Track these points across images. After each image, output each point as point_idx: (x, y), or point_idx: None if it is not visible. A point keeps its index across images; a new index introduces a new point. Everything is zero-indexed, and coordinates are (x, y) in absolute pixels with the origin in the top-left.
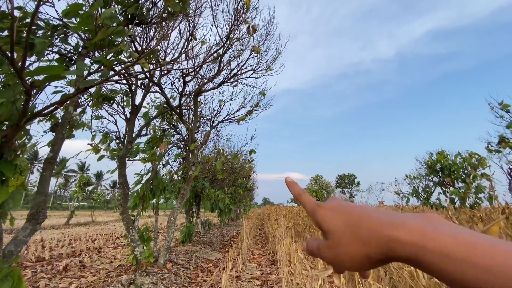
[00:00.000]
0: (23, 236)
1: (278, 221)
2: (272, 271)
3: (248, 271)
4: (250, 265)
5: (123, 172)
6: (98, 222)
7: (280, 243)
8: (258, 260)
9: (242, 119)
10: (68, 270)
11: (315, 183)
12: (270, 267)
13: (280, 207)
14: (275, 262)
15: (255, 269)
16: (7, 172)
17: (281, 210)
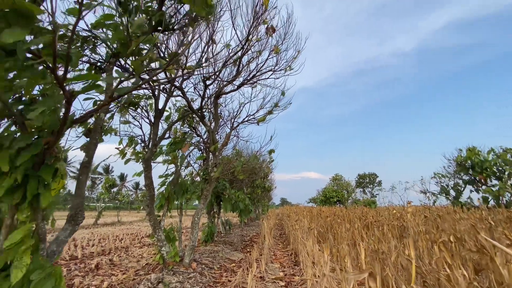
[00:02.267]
0: (64, 237)
1: (299, 221)
2: (295, 272)
3: (271, 271)
4: (273, 265)
5: (149, 174)
6: (124, 222)
7: (303, 244)
8: (280, 261)
9: (262, 119)
10: (100, 268)
11: (334, 182)
12: (293, 268)
13: (300, 207)
14: (298, 263)
15: (278, 270)
16: (48, 176)
17: (301, 211)
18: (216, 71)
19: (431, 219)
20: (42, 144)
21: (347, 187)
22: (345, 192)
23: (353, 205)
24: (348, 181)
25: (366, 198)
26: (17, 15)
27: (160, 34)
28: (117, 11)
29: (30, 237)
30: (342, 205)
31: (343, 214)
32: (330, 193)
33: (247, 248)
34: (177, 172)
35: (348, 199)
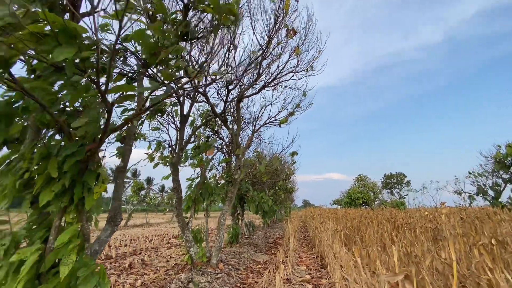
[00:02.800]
0: (105, 237)
1: (324, 224)
2: (322, 275)
3: (298, 274)
4: (299, 268)
5: (176, 177)
6: (152, 224)
7: (329, 247)
8: (306, 264)
9: (284, 121)
10: (132, 268)
11: (359, 183)
12: (319, 271)
13: (324, 210)
14: (324, 266)
15: (304, 273)
16: (92, 181)
17: (325, 213)
18: (238, 77)
19: (467, 221)
20: (86, 151)
21: (373, 188)
22: (371, 194)
23: (380, 206)
24: (373, 181)
25: (394, 200)
26: (65, 35)
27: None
28: (147, 24)
29: (77, 237)
30: (368, 207)
31: (371, 216)
32: (355, 194)
33: (271, 250)
34: (202, 175)
35: (374, 201)
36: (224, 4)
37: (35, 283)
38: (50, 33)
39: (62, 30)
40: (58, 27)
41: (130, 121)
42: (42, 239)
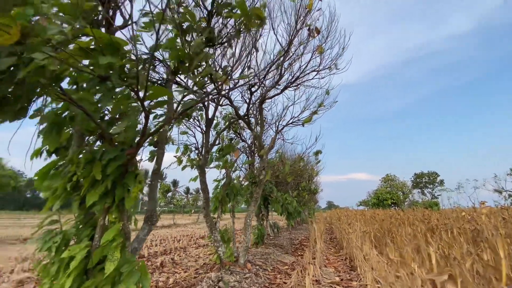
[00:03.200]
0: (143, 235)
1: (352, 225)
2: (352, 277)
3: (326, 276)
4: (327, 270)
5: (203, 179)
6: (179, 225)
7: (358, 249)
8: (334, 266)
9: (308, 121)
10: (164, 266)
11: (387, 183)
12: (349, 273)
13: (350, 211)
14: (353, 268)
15: (333, 275)
16: (132, 183)
17: (352, 214)
18: (260, 79)
19: (511, 221)
20: (126, 155)
21: (402, 188)
22: (400, 194)
23: (411, 207)
24: (403, 181)
25: (426, 200)
26: (110, 48)
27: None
28: (179, 34)
29: (119, 235)
30: (398, 207)
31: (401, 217)
32: (383, 195)
33: (297, 251)
34: (228, 176)
35: (404, 201)
36: (252, 9)
37: (83, 278)
38: (96, 48)
39: (107, 44)
40: (104, 41)
41: (165, 125)
42: (89, 237)
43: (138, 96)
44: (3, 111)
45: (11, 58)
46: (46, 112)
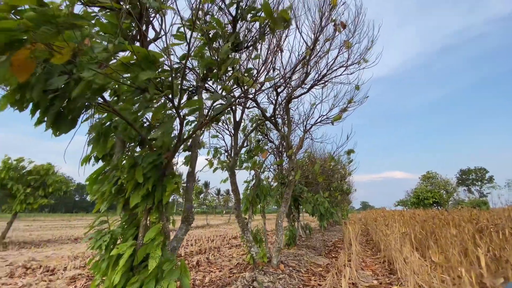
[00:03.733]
0: (181, 235)
1: (390, 226)
2: (391, 281)
3: (363, 279)
4: (364, 273)
5: (234, 180)
6: (212, 225)
7: (397, 251)
8: (371, 269)
9: (337, 118)
10: (200, 265)
11: (427, 181)
12: (388, 276)
13: (387, 211)
14: (393, 272)
15: (371, 278)
16: (170, 185)
17: (390, 215)
18: (286, 79)
19: None
20: (164, 159)
21: (445, 186)
22: (443, 192)
23: (456, 206)
24: (446, 178)
25: (474, 198)
26: (147, 61)
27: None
28: (206, 42)
29: (160, 234)
30: (441, 207)
31: (445, 217)
32: (423, 194)
33: (331, 253)
34: (257, 177)
35: (448, 200)
36: (278, 11)
37: (129, 274)
38: (135, 62)
39: (144, 57)
40: (141, 55)
41: (198, 130)
42: (133, 236)
43: (173, 104)
44: (59, 125)
45: (63, 76)
46: (94, 122)
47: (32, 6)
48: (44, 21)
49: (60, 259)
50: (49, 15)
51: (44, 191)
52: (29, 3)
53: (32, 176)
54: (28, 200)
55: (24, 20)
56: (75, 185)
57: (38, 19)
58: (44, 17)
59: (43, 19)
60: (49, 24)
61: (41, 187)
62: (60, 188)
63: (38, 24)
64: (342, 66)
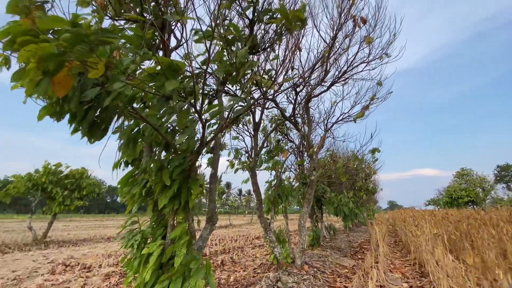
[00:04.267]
0: (206, 234)
1: (420, 226)
2: (423, 285)
3: (392, 281)
4: (393, 275)
5: (255, 180)
6: (235, 225)
7: (429, 253)
8: (401, 271)
9: (360, 116)
10: (224, 265)
11: (461, 179)
12: (419, 279)
13: (417, 211)
14: (424, 275)
15: (400, 281)
16: (195, 187)
17: (420, 215)
18: (305, 78)
19: None
20: (188, 162)
21: (481, 183)
22: (479, 190)
23: (494, 205)
24: (482, 175)
25: None
26: (171, 70)
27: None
28: (225, 47)
29: (186, 233)
30: (477, 206)
31: (482, 217)
32: (457, 192)
33: (357, 254)
34: (278, 177)
35: (485, 199)
36: (292, 11)
37: (159, 272)
38: (159, 71)
39: (168, 66)
40: (166, 65)
41: (218, 133)
42: (162, 236)
43: (196, 109)
44: (93, 132)
45: (96, 88)
46: (124, 129)
47: (66, 27)
48: (78, 41)
49: (95, 257)
50: (82, 35)
51: (79, 193)
52: (64, 25)
53: (69, 180)
54: (65, 202)
55: (61, 42)
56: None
57: (72, 39)
58: (78, 37)
59: (77, 39)
60: (83, 42)
61: (76, 189)
62: (93, 190)
63: (73, 43)
64: (363, 62)
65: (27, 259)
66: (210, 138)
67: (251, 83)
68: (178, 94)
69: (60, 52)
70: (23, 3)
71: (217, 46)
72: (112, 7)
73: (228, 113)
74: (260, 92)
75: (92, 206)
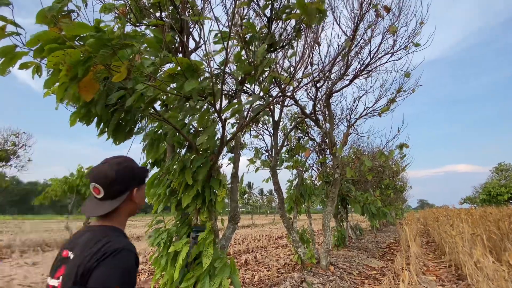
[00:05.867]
0: (229, 233)
1: (456, 226)
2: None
3: (426, 284)
4: (426, 278)
5: (276, 180)
6: (257, 225)
7: (467, 255)
8: (435, 273)
9: (385, 110)
10: (248, 264)
11: (500, 174)
12: (455, 282)
13: (451, 210)
14: (462, 277)
15: (435, 284)
16: (217, 186)
17: (454, 214)
18: (325, 73)
19: None
20: (210, 162)
21: None
22: None
23: None
24: None
25: None
26: (190, 70)
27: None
28: (243, 46)
29: (210, 233)
30: None
31: None
32: (495, 189)
33: (386, 255)
34: (300, 176)
35: None
36: (310, 3)
37: (185, 270)
38: (179, 72)
39: (187, 67)
40: (185, 66)
41: (238, 132)
42: (187, 234)
43: (215, 109)
44: (118, 134)
45: (121, 91)
46: (147, 131)
47: (91, 33)
48: (101, 45)
49: None
50: (105, 39)
51: None
52: (88, 31)
53: None
54: None
55: (86, 47)
56: None
57: (96, 44)
58: (101, 41)
59: (100, 43)
60: (106, 47)
61: None
62: None
63: (96, 48)
64: (387, 53)
65: None
66: (230, 138)
67: (270, 81)
68: (197, 94)
69: (85, 58)
70: (51, 13)
71: (236, 46)
72: (133, 14)
73: (247, 112)
74: (279, 90)
75: None
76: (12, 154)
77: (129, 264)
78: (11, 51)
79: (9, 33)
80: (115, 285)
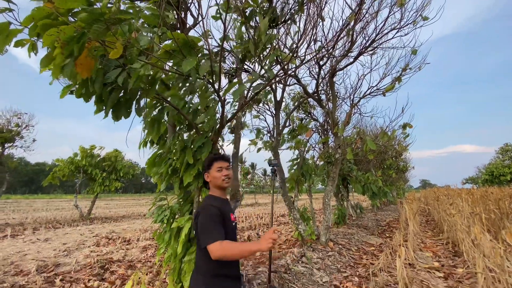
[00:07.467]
0: None
1: (455, 205)
2: (456, 264)
3: (422, 260)
4: (423, 254)
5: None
6: (260, 204)
7: (465, 232)
8: (432, 250)
9: (390, 89)
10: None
11: (504, 155)
12: (451, 259)
13: (452, 189)
14: (458, 254)
15: (431, 260)
16: None
17: (455, 193)
18: (329, 49)
19: None
20: (211, 142)
21: None
22: None
23: None
24: None
25: None
26: (187, 47)
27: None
28: (243, 21)
29: None
30: None
31: None
32: (499, 169)
33: (385, 233)
34: (301, 156)
35: None
36: None
37: (188, 244)
38: (175, 48)
39: (184, 43)
40: (181, 41)
41: (239, 112)
42: (189, 211)
43: (214, 88)
44: (117, 112)
45: (117, 70)
46: (147, 110)
47: (83, 6)
48: (94, 20)
49: (133, 232)
50: (97, 14)
51: (116, 175)
52: (80, 4)
53: (106, 162)
54: (105, 182)
55: (78, 22)
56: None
57: (88, 18)
58: (93, 15)
59: (92, 18)
60: (99, 22)
61: (113, 171)
62: (129, 172)
63: (89, 23)
64: (394, 29)
65: (75, 233)
66: (230, 117)
67: (271, 59)
68: (196, 72)
69: (79, 34)
70: None
71: (236, 22)
72: None
73: (247, 91)
74: (280, 67)
75: (129, 186)
76: (16, 135)
77: (211, 212)
78: (5, 28)
79: (2, 9)
80: (203, 221)
